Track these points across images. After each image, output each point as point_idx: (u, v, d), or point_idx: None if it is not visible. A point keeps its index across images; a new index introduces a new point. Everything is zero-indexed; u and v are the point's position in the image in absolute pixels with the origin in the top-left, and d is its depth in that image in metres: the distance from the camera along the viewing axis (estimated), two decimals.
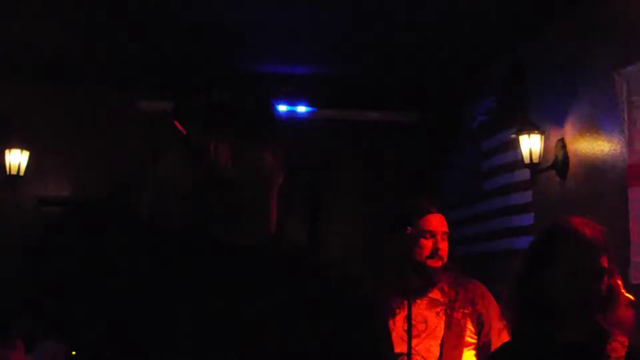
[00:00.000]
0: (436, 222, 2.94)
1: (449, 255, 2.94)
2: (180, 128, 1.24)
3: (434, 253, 2.89)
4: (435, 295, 2.92)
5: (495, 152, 5.26)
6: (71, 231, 1.26)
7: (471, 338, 2.86)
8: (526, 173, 4.72)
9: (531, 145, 4.48)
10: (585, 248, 2.04)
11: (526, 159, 4.53)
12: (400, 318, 2.84)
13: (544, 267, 2.08)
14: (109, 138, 5.82)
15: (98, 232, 1.25)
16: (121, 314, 1.24)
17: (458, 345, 2.82)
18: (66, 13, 4.62)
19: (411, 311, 2.79)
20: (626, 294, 2.32)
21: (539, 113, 4.63)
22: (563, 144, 4.29)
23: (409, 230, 2.91)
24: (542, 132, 4.48)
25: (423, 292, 2.91)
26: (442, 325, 2.85)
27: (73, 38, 5.05)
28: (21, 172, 5.66)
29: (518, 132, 4.57)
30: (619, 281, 2.15)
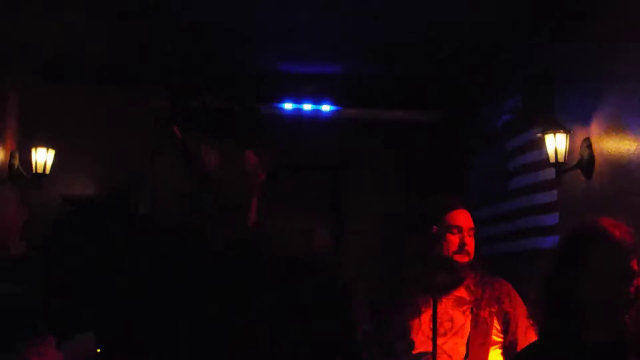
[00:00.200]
0: (463, 218, 2.91)
1: (475, 253, 2.92)
2: (177, 132, 1.33)
3: (461, 248, 2.86)
4: (461, 293, 2.88)
5: (520, 151, 5.23)
6: (75, 231, 1.35)
7: (497, 337, 2.83)
8: (551, 172, 4.69)
9: (557, 144, 4.45)
10: (614, 250, 2.02)
11: (551, 158, 4.49)
12: (426, 316, 2.83)
13: (572, 268, 2.07)
14: (127, 136, 5.85)
15: (101, 232, 1.34)
16: (122, 315, 1.30)
17: (485, 343, 2.78)
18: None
19: (437, 310, 2.78)
20: None
21: (565, 112, 4.60)
22: (589, 143, 4.25)
23: (435, 229, 2.89)
24: (568, 131, 4.44)
25: (449, 290, 2.88)
26: (469, 323, 2.81)
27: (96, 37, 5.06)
28: (47, 171, 5.71)
29: (543, 131, 4.54)
30: None
